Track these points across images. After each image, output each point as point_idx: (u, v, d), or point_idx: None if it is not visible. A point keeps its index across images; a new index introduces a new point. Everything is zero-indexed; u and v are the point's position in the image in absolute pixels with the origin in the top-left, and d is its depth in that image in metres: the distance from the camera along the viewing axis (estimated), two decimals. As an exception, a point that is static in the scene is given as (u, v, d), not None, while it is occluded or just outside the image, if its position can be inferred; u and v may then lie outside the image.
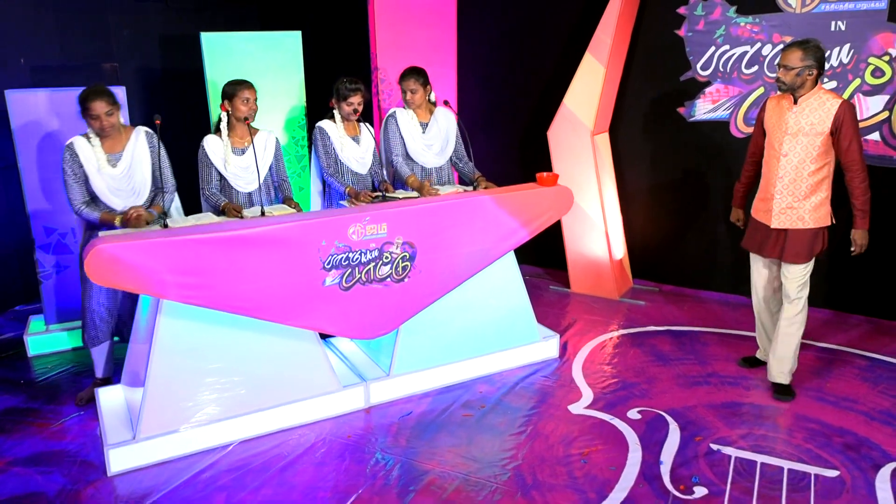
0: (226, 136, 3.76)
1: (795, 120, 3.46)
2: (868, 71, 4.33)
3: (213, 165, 3.73)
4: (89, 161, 3.38)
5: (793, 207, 3.53)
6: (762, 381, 3.86)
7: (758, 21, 4.60)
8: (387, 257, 3.41)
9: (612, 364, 4.11)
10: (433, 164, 4.26)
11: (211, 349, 3.20)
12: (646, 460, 3.16)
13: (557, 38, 5.37)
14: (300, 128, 4.87)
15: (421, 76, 4.17)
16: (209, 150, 3.73)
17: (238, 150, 3.79)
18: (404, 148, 4.21)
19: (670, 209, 5.25)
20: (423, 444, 3.30)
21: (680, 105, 4.99)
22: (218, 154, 3.72)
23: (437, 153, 4.25)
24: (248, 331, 3.26)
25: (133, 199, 3.47)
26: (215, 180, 3.76)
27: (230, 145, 3.76)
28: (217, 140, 3.76)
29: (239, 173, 3.76)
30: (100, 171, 3.40)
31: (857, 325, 4.61)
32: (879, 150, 4.36)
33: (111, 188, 3.42)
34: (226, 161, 3.72)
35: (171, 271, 2.92)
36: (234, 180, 3.76)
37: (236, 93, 3.70)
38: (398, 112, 4.22)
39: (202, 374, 3.19)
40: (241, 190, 3.81)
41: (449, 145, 4.29)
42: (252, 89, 3.74)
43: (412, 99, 4.17)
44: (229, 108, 3.75)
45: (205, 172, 3.76)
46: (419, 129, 4.22)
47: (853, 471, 3.07)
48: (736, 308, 4.96)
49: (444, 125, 4.27)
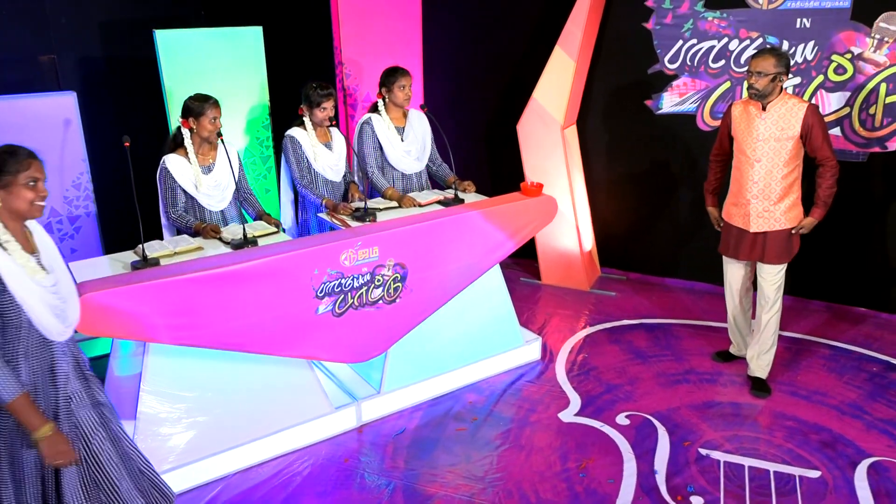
0: (192, 154, 3.54)
1: (766, 126, 3.53)
2: (831, 68, 4.44)
3: (180, 186, 3.53)
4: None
5: (769, 210, 3.63)
6: (738, 377, 4.02)
7: (725, 16, 4.63)
8: (378, 280, 3.34)
9: (594, 365, 4.19)
10: (412, 170, 4.16)
11: (200, 383, 3.10)
12: (641, 470, 3.26)
13: (524, 30, 5.29)
14: (264, 128, 4.67)
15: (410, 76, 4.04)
16: (174, 171, 3.50)
17: (205, 169, 3.60)
18: (381, 157, 4.10)
19: (636, 200, 5.32)
20: (421, 465, 3.31)
21: (647, 98, 5.02)
22: (186, 175, 3.51)
23: (416, 158, 4.15)
24: (236, 361, 3.16)
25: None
26: (181, 202, 3.56)
27: (197, 164, 3.56)
28: (181, 160, 3.53)
29: (210, 192, 3.58)
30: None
31: (818, 312, 4.84)
32: (840, 145, 4.50)
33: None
34: (196, 182, 3.53)
35: (162, 314, 2.78)
36: (205, 200, 3.58)
37: (204, 112, 3.47)
38: (374, 119, 4.07)
39: (193, 410, 3.09)
40: (213, 209, 3.63)
41: (426, 150, 4.20)
42: (219, 107, 3.53)
43: (407, 96, 4.02)
44: (194, 126, 3.52)
45: (168, 194, 3.53)
46: (397, 136, 4.10)
47: (833, 470, 3.25)
48: (702, 297, 5.11)
49: (420, 130, 4.17)
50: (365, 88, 4.90)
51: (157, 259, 3.07)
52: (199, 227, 3.47)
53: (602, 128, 5.28)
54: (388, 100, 4.06)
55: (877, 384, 3.95)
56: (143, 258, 3.04)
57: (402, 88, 4.00)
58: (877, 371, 4.09)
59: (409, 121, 4.15)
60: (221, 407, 3.16)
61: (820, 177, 3.59)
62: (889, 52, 4.27)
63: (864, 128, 4.44)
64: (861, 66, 4.36)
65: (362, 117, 4.11)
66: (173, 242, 3.29)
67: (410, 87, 4.03)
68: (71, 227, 4.09)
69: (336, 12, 4.68)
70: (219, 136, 3.49)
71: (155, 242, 3.29)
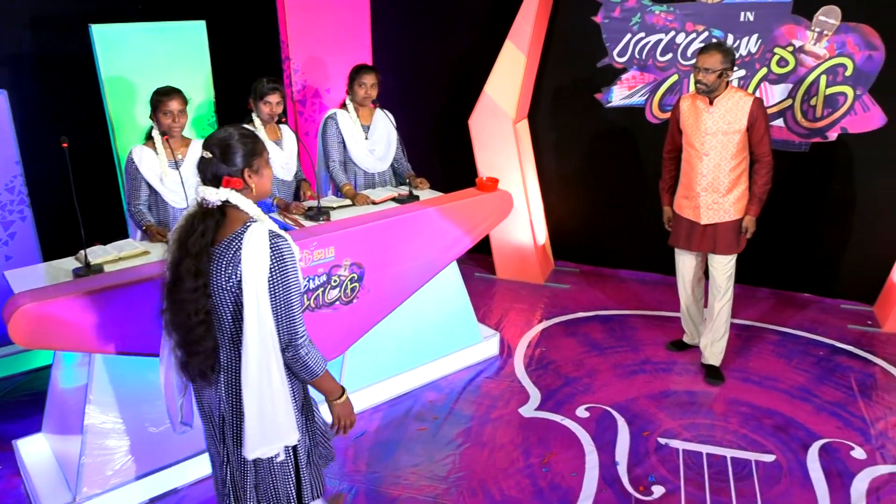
0: (160, 146, 3.43)
1: (713, 120, 3.60)
2: (774, 60, 4.55)
3: (144, 179, 3.41)
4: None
5: (718, 202, 3.69)
6: (692, 365, 4.09)
7: (672, 10, 4.69)
8: (335, 281, 3.27)
9: (552, 359, 4.20)
10: (375, 169, 4.09)
11: (150, 392, 2.96)
12: (603, 462, 3.28)
13: (474, 24, 5.26)
14: (210, 126, 4.52)
15: (376, 72, 3.97)
16: (140, 162, 3.40)
17: (172, 163, 3.48)
18: (344, 153, 4.01)
19: (588, 191, 5.36)
20: (383, 468, 3.26)
21: (597, 91, 5.05)
22: (152, 168, 3.41)
23: (380, 158, 4.08)
24: (190, 369, 3.04)
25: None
26: (144, 195, 3.45)
27: (164, 157, 3.44)
28: (149, 151, 3.42)
29: (176, 188, 3.45)
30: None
31: (765, 299, 4.97)
32: (783, 136, 4.62)
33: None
34: (162, 175, 3.41)
35: (108, 323, 2.65)
36: (169, 196, 3.45)
37: (158, 105, 3.39)
38: (339, 114, 3.98)
39: (143, 421, 2.96)
40: (177, 205, 3.50)
41: (391, 149, 4.13)
42: (177, 99, 3.42)
43: (369, 94, 3.94)
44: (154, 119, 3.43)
45: (133, 186, 3.44)
46: (362, 133, 4.02)
47: (786, 453, 3.34)
48: (654, 287, 5.19)
49: (385, 129, 4.10)
50: (314, 84, 4.79)
51: (101, 265, 2.93)
52: (149, 228, 3.34)
53: (553, 121, 5.29)
54: (352, 97, 3.99)
55: (823, 368, 4.08)
56: (86, 265, 2.90)
57: (362, 86, 3.94)
58: (823, 355, 4.22)
59: (374, 119, 4.08)
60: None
61: (756, 173, 3.67)
62: (828, 44, 4.39)
63: (807, 119, 4.56)
64: (802, 59, 4.47)
65: (328, 112, 4.04)
66: (118, 247, 3.15)
67: (373, 85, 3.95)
68: (5, 234, 3.88)
69: (282, 6, 4.56)
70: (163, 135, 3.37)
71: (98, 248, 3.13)
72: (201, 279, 2.02)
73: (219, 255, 2.03)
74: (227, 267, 2.01)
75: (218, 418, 2.19)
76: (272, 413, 2.05)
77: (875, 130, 4.43)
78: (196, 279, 2.01)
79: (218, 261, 2.02)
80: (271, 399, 2.04)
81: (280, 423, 2.08)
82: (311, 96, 4.82)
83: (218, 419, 2.19)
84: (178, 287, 2.03)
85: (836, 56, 4.39)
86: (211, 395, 2.17)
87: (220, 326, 2.09)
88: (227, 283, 2.01)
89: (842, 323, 4.61)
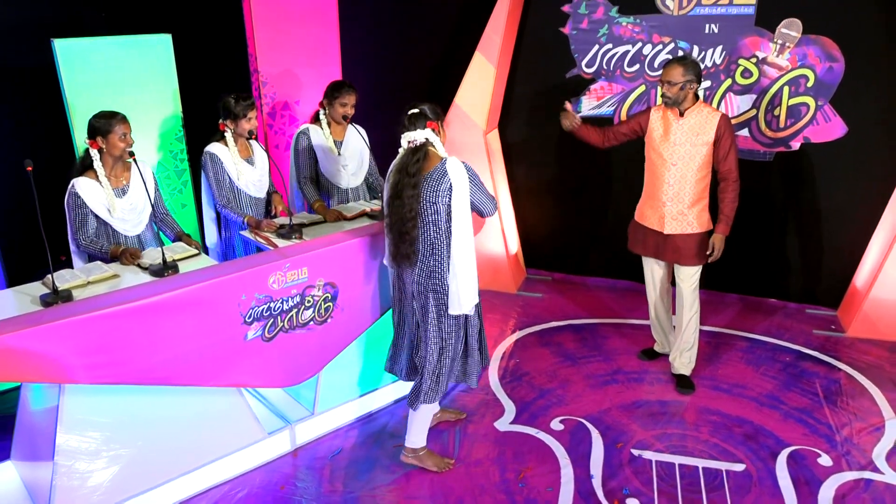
0: (103, 177, 3.33)
1: (682, 131, 3.66)
2: (738, 72, 4.63)
3: (91, 211, 3.31)
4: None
5: (683, 213, 3.76)
6: (663, 374, 4.16)
7: (638, 21, 4.75)
8: (309, 301, 3.25)
9: (526, 370, 4.23)
10: (347, 185, 4.07)
11: (123, 416, 2.92)
12: (578, 476, 3.32)
13: (444, 36, 5.26)
14: (177, 140, 4.46)
15: (356, 92, 3.95)
16: (84, 195, 3.27)
17: (118, 191, 3.40)
18: (316, 168, 3.99)
19: (558, 200, 5.41)
20: (360, 486, 3.25)
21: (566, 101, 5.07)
22: (98, 199, 3.30)
23: (352, 174, 4.06)
24: (162, 391, 3.00)
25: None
26: (92, 228, 3.34)
27: (110, 187, 3.35)
28: (92, 183, 3.31)
29: (126, 216, 3.38)
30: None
31: (732, 305, 5.06)
32: (748, 146, 4.71)
33: None
34: (110, 206, 3.32)
35: (79, 353, 2.60)
36: (120, 225, 3.38)
37: (112, 129, 3.26)
38: (311, 130, 3.96)
39: (117, 445, 2.92)
40: (129, 234, 3.43)
41: (364, 166, 4.12)
42: (127, 123, 3.33)
43: (348, 114, 3.93)
44: (103, 146, 3.31)
45: (78, 219, 3.30)
46: (335, 149, 4.00)
47: (756, 462, 3.41)
48: (623, 294, 5.26)
49: (358, 145, 4.08)
50: (283, 97, 4.76)
51: (69, 291, 2.88)
52: (117, 251, 3.28)
53: (523, 131, 5.33)
54: (328, 113, 3.96)
55: (790, 374, 4.17)
56: (54, 290, 2.84)
57: (344, 106, 3.92)
58: (789, 361, 4.32)
59: (347, 135, 4.06)
60: (147, 440, 3.00)
61: (722, 192, 3.73)
62: (790, 56, 4.49)
63: (770, 129, 4.66)
64: (765, 70, 4.57)
65: (300, 127, 4.00)
66: (86, 271, 3.10)
67: (353, 105, 3.94)
68: (-33, 256, 3.80)
69: (249, 18, 4.51)
70: (131, 155, 3.30)
71: (66, 272, 3.07)
72: (417, 189, 2.93)
73: (432, 178, 2.95)
74: (438, 184, 2.93)
75: (409, 293, 3.10)
76: (467, 280, 3.00)
77: (836, 140, 4.54)
78: (414, 189, 2.93)
79: (430, 181, 2.95)
80: (469, 270, 3.02)
81: (470, 290, 3.02)
82: (280, 109, 4.78)
83: (409, 293, 3.10)
84: (398, 196, 2.95)
85: (798, 67, 4.49)
86: (409, 275, 3.05)
87: (422, 227, 2.97)
88: (435, 196, 2.94)
89: (807, 328, 4.72)
